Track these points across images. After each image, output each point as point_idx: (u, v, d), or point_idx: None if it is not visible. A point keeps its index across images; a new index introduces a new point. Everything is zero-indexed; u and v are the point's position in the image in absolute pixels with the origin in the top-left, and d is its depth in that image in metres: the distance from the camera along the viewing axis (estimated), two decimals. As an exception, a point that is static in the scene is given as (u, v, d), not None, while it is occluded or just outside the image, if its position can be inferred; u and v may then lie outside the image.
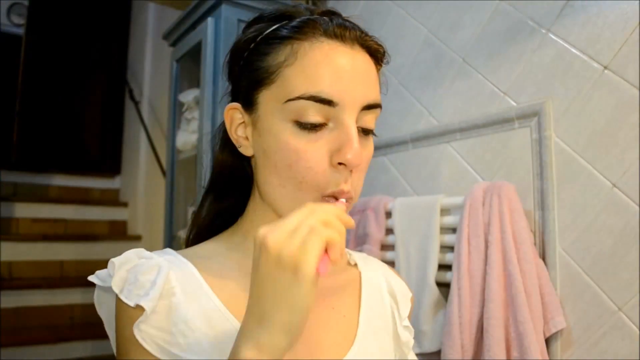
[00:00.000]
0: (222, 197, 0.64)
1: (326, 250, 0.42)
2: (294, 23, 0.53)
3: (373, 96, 0.53)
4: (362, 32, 0.55)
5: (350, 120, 0.51)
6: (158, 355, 0.49)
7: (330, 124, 0.52)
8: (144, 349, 0.49)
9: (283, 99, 0.51)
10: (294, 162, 0.51)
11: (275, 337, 0.41)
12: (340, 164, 0.51)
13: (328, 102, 0.50)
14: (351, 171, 0.52)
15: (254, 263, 0.43)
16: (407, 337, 0.66)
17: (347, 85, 0.51)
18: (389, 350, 0.62)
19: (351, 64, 0.52)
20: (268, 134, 0.53)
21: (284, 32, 0.53)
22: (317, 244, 0.40)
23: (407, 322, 0.66)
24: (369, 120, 0.54)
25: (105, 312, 0.56)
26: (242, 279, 0.56)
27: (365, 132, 0.55)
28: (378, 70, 0.57)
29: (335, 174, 0.52)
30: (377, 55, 0.56)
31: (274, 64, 0.53)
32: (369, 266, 0.68)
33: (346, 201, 0.52)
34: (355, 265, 0.67)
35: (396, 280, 0.69)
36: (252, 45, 0.55)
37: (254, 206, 0.60)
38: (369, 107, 0.53)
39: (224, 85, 0.63)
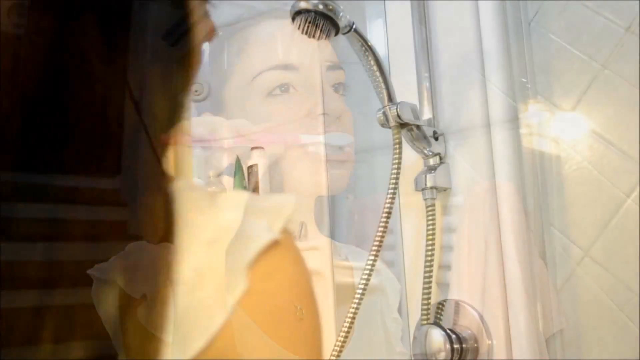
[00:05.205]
0: None
1: None
2: None
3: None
4: None
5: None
6: None
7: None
8: None
9: None
10: None
11: None
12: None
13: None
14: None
15: None
16: (395, 328, 0.70)
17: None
18: (378, 340, 0.67)
19: None
20: None
21: None
22: None
23: (396, 314, 0.70)
24: None
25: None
26: None
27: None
28: None
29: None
30: None
31: None
32: (358, 260, 0.69)
33: None
34: (346, 259, 0.68)
35: (387, 274, 0.70)
36: None
37: None
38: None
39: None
